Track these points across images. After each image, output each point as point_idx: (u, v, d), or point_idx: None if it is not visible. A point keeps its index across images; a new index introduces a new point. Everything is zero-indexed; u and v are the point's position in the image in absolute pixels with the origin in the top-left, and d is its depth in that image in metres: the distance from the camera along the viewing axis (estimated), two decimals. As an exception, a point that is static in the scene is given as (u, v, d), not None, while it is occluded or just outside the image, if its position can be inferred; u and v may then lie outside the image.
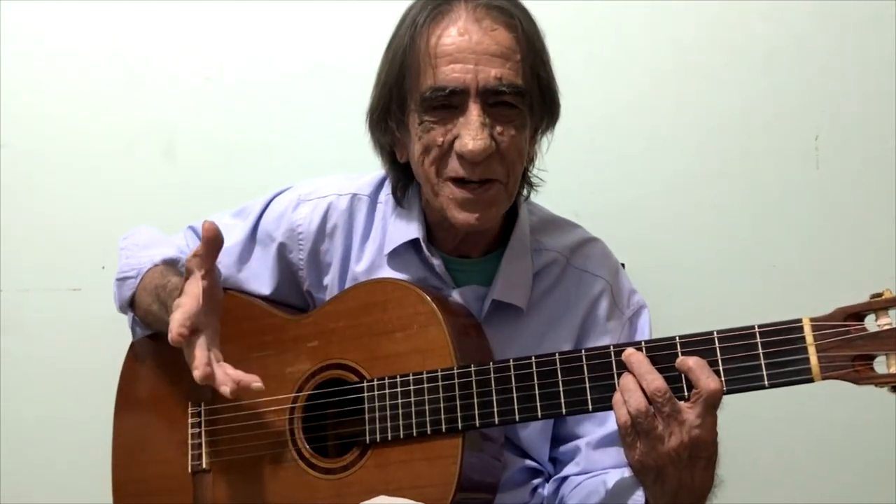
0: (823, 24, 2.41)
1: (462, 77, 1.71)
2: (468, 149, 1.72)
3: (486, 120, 1.73)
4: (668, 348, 1.56)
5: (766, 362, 1.48)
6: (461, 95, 1.72)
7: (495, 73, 1.72)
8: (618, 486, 1.79)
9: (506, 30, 1.74)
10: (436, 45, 1.74)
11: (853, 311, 1.45)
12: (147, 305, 1.98)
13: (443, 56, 1.73)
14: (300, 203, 2.02)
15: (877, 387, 1.43)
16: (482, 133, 1.72)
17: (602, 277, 1.95)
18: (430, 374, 1.74)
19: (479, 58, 1.71)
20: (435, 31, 1.75)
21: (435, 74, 1.73)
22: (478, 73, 1.71)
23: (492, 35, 1.73)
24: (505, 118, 1.75)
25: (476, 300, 1.91)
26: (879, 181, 2.39)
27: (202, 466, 1.96)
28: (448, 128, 1.75)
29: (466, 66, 1.71)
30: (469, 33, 1.73)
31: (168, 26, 2.51)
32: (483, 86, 1.71)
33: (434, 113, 1.76)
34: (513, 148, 1.77)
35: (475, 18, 1.74)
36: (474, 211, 1.79)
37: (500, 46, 1.73)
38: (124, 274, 2.06)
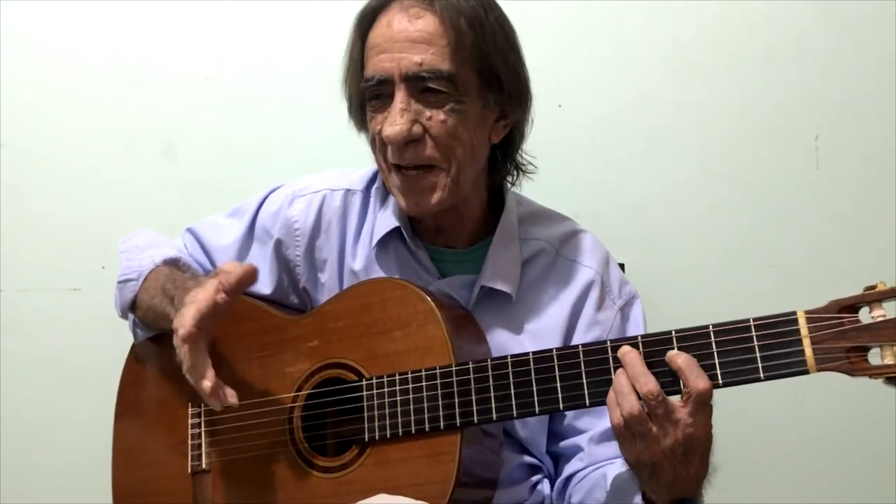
0: (823, 24, 2.41)
1: (387, 66, 1.76)
2: (384, 134, 1.77)
3: (408, 106, 1.76)
4: (665, 343, 1.56)
5: (762, 355, 1.48)
6: (388, 84, 1.77)
7: (416, 60, 1.74)
8: (618, 479, 1.79)
9: (432, 15, 1.77)
10: (370, 39, 1.81)
11: (847, 304, 1.45)
12: (149, 301, 1.97)
13: (373, 48, 1.80)
14: (295, 199, 2.03)
15: (871, 378, 1.43)
16: (399, 119, 1.75)
17: (591, 267, 1.95)
18: (428, 372, 1.74)
19: (402, 45, 1.75)
20: (372, 27, 1.81)
21: (367, 66, 1.81)
22: (400, 61, 1.75)
23: (416, 22, 1.76)
24: (434, 103, 1.78)
25: (464, 287, 1.91)
26: (879, 181, 2.39)
27: (202, 467, 1.95)
28: (381, 117, 1.80)
29: (391, 55, 1.76)
30: (394, 24, 1.77)
31: (168, 26, 2.52)
32: (404, 72, 1.75)
33: (372, 104, 1.82)
34: (445, 132, 1.78)
35: (404, 7, 1.78)
36: (412, 197, 1.84)
37: (423, 32, 1.76)
38: (125, 276, 2.05)
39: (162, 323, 1.94)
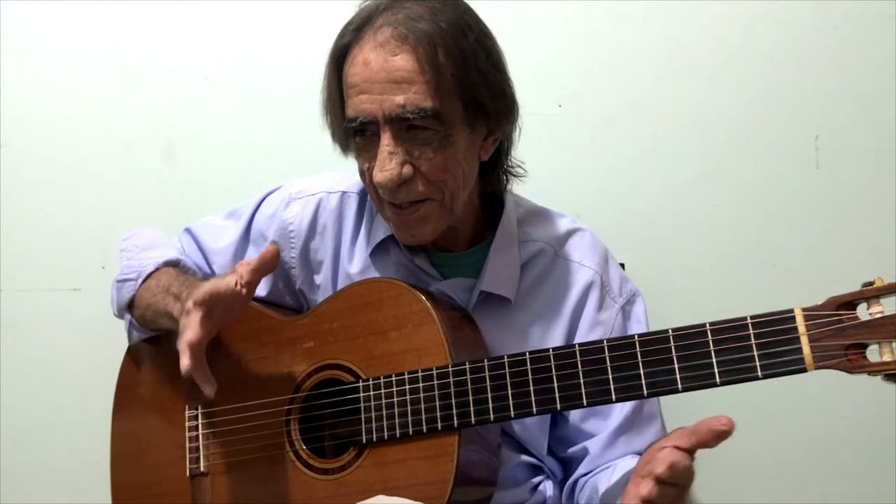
0: (823, 25, 2.40)
1: (369, 108, 1.73)
2: (377, 181, 1.76)
3: (395, 148, 1.74)
4: (662, 342, 1.56)
5: (760, 353, 1.48)
6: (372, 125, 1.74)
7: (398, 101, 1.71)
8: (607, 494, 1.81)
9: (408, 53, 1.72)
10: (346, 77, 1.78)
11: (845, 300, 1.45)
12: (150, 299, 1.98)
13: (352, 87, 1.76)
14: (291, 201, 2.03)
15: (870, 375, 1.43)
16: (389, 163, 1.74)
17: (591, 267, 1.95)
18: (425, 373, 1.74)
19: (382, 87, 1.72)
20: (348, 61, 1.78)
21: (348, 105, 1.78)
22: (382, 103, 1.72)
23: (393, 61, 1.72)
24: (420, 141, 1.76)
25: (464, 291, 1.92)
26: (879, 181, 2.38)
27: (200, 470, 1.96)
28: (368, 157, 1.79)
29: (372, 97, 1.72)
30: (371, 62, 1.73)
31: (168, 26, 2.52)
32: (388, 114, 1.72)
33: (357, 141, 1.80)
34: (435, 169, 1.77)
35: (379, 43, 1.73)
36: (408, 230, 1.84)
37: (402, 71, 1.71)
38: (124, 276, 2.06)
39: (162, 321, 1.95)
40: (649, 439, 1.89)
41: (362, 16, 1.78)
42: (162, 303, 1.92)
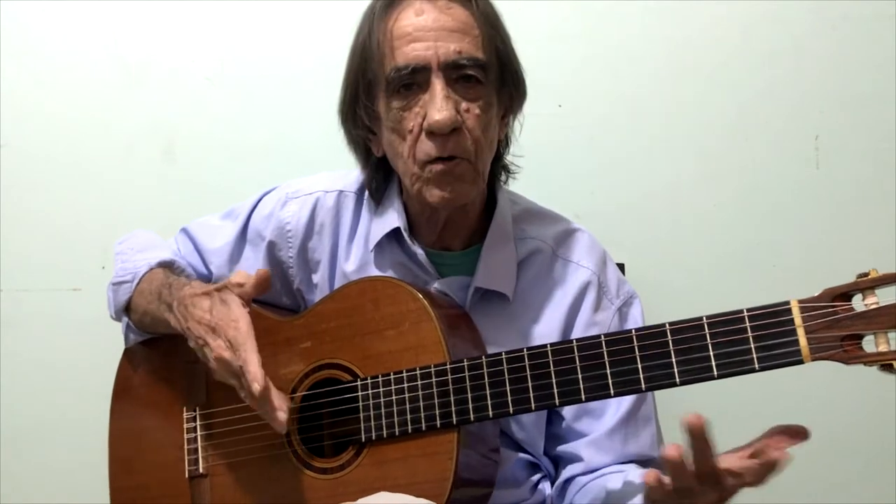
0: (823, 25, 2.40)
1: (423, 54, 1.73)
2: (434, 119, 1.73)
3: (450, 94, 1.75)
4: (659, 336, 1.56)
5: (756, 345, 1.48)
6: (423, 73, 1.74)
7: (455, 48, 1.74)
8: (618, 493, 1.79)
9: (461, 6, 1.77)
10: (394, 29, 1.77)
11: (840, 292, 1.45)
12: (145, 306, 1.98)
13: (402, 37, 1.76)
14: (288, 201, 2.03)
15: (866, 365, 1.43)
16: (447, 104, 1.73)
17: (589, 268, 1.95)
18: (423, 370, 1.74)
19: (437, 34, 1.73)
20: (392, 16, 1.78)
21: (396, 55, 1.76)
22: (437, 49, 1.73)
23: (448, 13, 1.76)
24: (470, 95, 1.77)
25: (460, 289, 1.91)
26: (879, 181, 2.39)
27: (199, 471, 1.96)
28: (416, 111, 1.77)
29: (426, 44, 1.74)
30: (425, 12, 1.76)
31: (168, 26, 2.52)
32: (444, 60, 1.73)
33: (401, 97, 1.78)
34: (478, 126, 1.78)
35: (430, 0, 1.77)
36: (447, 185, 1.80)
37: (458, 22, 1.75)
38: (120, 279, 2.06)
39: (161, 328, 1.96)
40: (644, 442, 1.90)
41: None
42: (157, 311, 1.93)
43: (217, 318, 1.77)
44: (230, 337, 1.73)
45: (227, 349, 1.72)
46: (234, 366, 1.72)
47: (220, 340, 1.74)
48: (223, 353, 1.73)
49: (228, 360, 1.72)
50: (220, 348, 1.73)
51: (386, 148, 1.87)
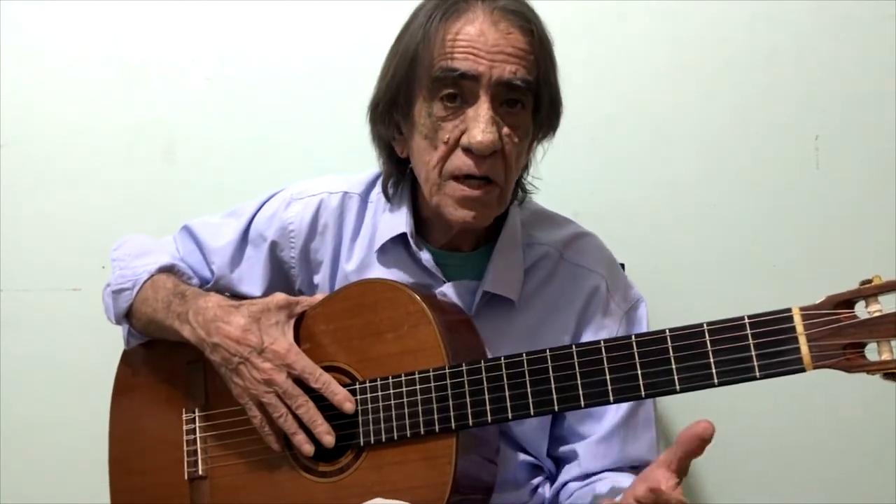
0: (824, 24, 2.39)
1: (475, 66, 1.72)
2: (476, 140, 1.72)
3: (495, 116, 1.74)
4: (659, 342, 1.55)
5: (757, 353, 1.47)
6: (472, 82, 1.73)
7: (510, 69, 1.73)
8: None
9: (521, 34, 1.76)
10: (452, 39, 1.75)
11: (843, 299, 1.45)
12: (151, 314, 1.99)
13: (458, 48, 1.74)
14: (291, 202, 2.03)
15: (868, 374, 1.43)
16: (491, 126, 1.72)
17: (597, 272, 1.95)
18: (421, 375, 1.74)
19: (494, 56, 1.73)
20: (451, 28, 1.76)
21: (449, 59, 1.74)
22: (492, 68, 1.72)
23: (508, 37, 1.74)
24: (512, 121, 1.77)
25: (467, 293, 1.91)
26: (879, 181, 2.38)
27: (199, 473, 1.96)
28: (455, 123, 1.76)
29: (480, 60, 1.72)
30: (486, 34, 1.74)
31: (168, 26, 2.51)
32: (497, 78, 1.72)
33: (442, 105, 1.76)
34: (514, 152, 1.79)
35: (492, 21, 1.75)
36: (472, 209, 1.80)
37: (516, 48, 1.74)
38: (119, 286, 2.06)
39: (169, 336, 1.98)
40: (644, 445, 1.91)
41: None
42: (166, 321, 1.95)
43: (269, 341, 1.82)
44: (290, 362, 1.81)
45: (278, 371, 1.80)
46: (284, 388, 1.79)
47: (269, 363, 1.80)
48: (275, 376, 1.80)
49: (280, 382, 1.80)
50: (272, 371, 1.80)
51: (413, 156, 1.86)
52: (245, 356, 1.81)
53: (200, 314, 1.87)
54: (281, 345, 1.81)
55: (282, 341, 1.82)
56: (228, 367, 1.83)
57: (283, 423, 1.80)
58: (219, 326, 1.84)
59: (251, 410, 1.84)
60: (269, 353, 1.80)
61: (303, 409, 1.80)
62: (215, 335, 1.84)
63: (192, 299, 1.92)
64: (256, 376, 1.80)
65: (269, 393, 1.80)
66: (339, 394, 1.79)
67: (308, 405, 1.80)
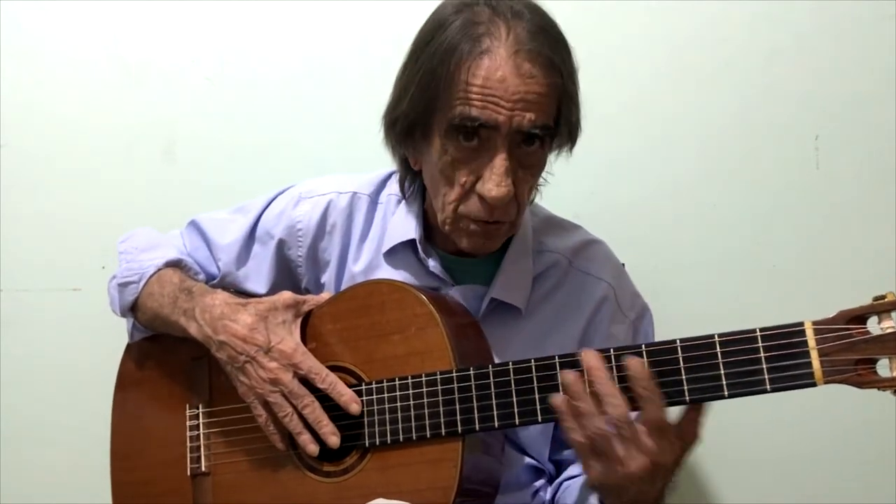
0: (824, 25, 2.39)
1: (495, 116, 1.68)
2: (491, 195, 1.71)
3: (510, 165, 1.71)
4: (670, 352, 1.55)
5: (768, 366, 1.47)
6: (490, 131, 1.69)
7: (529, 118, 1.69)
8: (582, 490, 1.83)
9: (544, 75, 1.70)
10: (473, 80, 1.69)
11: (855, 314, 1.44)
12: (157, 309, 1.98)
13: (478, 92, 1.68)
14: (300, 201, 2.02)
15: (879, 390, 1.43)
16: (506, 179, 1.70)
17: (605, 280, 1.95)
18: (428, 377, 1.74)
19: (514, 104, 1.67)
20: (474, 70, 1.69)
21: (468, 105, 1.69)
22: (512, 118, 1.68)
23: (529, 82, 1.68)
24: (528, 161, 1.76)
25: (475, 298, 1.91)
26: (879, 181, 2.38)
27: (201, 469, 1.96)
28: (472, 167, 1.74)
29: (501, 108, 1.68)
30: (507, 79, 1.67)
31: (168, 26, 2.51)
32: (516, 128, 1.69)
33: (459, 147, 1.73)
34: (526, 192, 1.79)
35: (515, 64, 1.68)
36: (483, 243, 1.82)
37: (537, 94, 1.69)
38: (126, 279, 2.05)
39: (174, 332, 1.97)
40: None
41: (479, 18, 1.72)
42: (171, 316, 1.94)
43: (276, 340, 1.81)
44: (297, 362, 1.80)
45: (284, 370, 1.79)
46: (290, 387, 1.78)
47: (275, 363, 1.79)
48: (281, 375, 1.79)
49: (286, 382, 1.79)
50: (278, 370, 1.79)
51: (426, 178, 1.85)
52: (252, 355, 1.80)
53: (207, 312, 1.86)
54: (288, 344, 1.80)
55: (289, 340, 1.81)
56: (234, 365, 1.83)
57: (288, 422, 1.79)
58: (226, 325, 1.83)
59: (256, 409, 1.82)
60: (275, 353, 1.79)
61: (308, 409, 1.78)
62: (222, 333, 1.83)
63: (199, 296, 1.91)
64: (262, 375, 1.79)
65: (275, 392, 1.79)
66: (345, 395, 1.78)
67: (314, 405, 1.79)
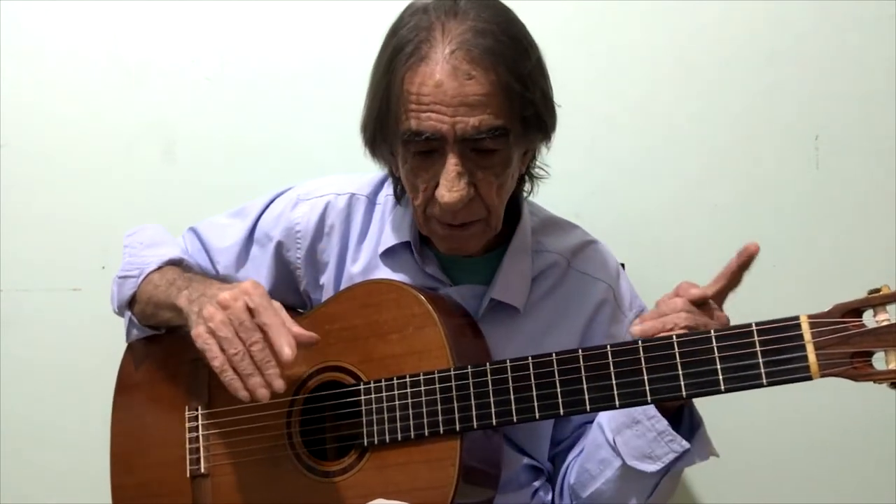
0: (824, 25, 2.39)
1: (438, 126, 1.68)
2: (444, 200, 1.71)
3: (463, 169, 1.71)
4: (666, 348, 1.56)
5: (765, 360, 1.47)
6: (438, 141, 1.70)
7: (473, 122, 1.68)
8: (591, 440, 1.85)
9: (483, 75, 1.68)
10: (413, 91, 1.69)
11: (851, 308, 1.45)
12: (152, 291, 1.97)
13: (419, 105, 1.69)
14: (298, 202, 2.02)
15: (875, 383, 1.43)
16: (458, 184, 1.71)
17: (604, 281, 1.96)
18: (426, 376, 1.74)
19: (455, 110, 1.67)
20: (412, 78, 1.70)
21: (412, 119, 1.70)
22: (455, 124, 1.67)
23: (468, 84, 1.67)
24: (486, 163, 1.74)
25: (473, 298, 1.91)
26: (879, 181, 2.38)
27: (201, 470, 1.96)
28: (430, 174, 1.74)
29: (442, 117, 1.67)
30: (444, 84, 1.67)
31: (168, 26, 2.51)
32: (461, 135, 1.68)
33: (416, 157, 1.75)
34: (492, 192, 1.77)
35: (451, 67, 1.67)
36: (456, 245, 1.84)
37: (477, 96, 1.67)
38: (126, 273, 2.05)
39: (163, 314, 1.95)
40: None
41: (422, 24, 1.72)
42: (164, 294, 1.92)
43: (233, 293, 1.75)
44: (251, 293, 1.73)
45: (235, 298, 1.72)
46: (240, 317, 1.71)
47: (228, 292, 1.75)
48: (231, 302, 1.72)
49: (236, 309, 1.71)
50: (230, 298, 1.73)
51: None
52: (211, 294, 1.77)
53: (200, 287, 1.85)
54: (249, 282, 1.76)
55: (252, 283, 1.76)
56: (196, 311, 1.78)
57: (238, 362, 1.69)
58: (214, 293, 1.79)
59: (211, 352, 1.72)
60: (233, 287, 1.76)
61: (256, 346, 1.69)
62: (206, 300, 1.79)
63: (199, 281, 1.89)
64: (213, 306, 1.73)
65: (226, 325, 1.71)
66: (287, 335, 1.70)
67: (262, 344, 1.69)
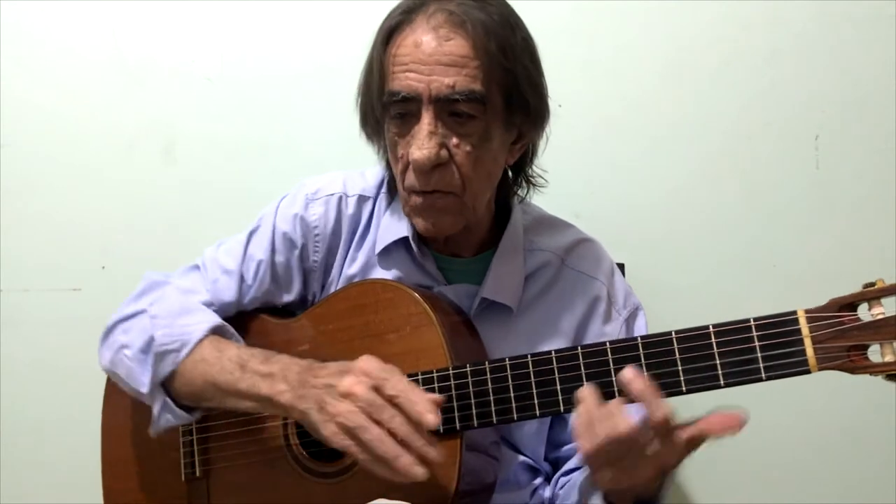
0: (824, 25, 2.40)
1: (414, 85, 1.70)
2: (413, 157, 1.72)
3: (437, 129, 1.72)
4: (665, 344, 1.55)
5: (763, 355, 1.47)
6: (415, 102, 1.72)
7: (448, 82, 1.69)
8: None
9: (462, 38, 1.71)
10: (394, 55, 1.74)
11: (847, 302, 1.45)
12: (208, 375, 1.82)
13: (399, 65, 1.73)
14: (309, 203, 1.97)
15: (872, 375, 1.43)
16: (428, 142, 1.71)
17: (598, 279, 1.94)
18: (425, 375, 1.73)
19: (432, 68, 1.70)
20: (396, 41, 1.75)
21: (391, 81, 1.74)
22: (430, 83, 1.70)
23: (447, 45, 1.70)
24: (462, 130, 1.74)
25: (466, 298, 1.90)
26: (879, 181, 2.38)
27: (195, 474, 1.95)
28: (407, 140, 1.75)
29: (420, 76, 1.70)
30: (422, 44, 1.71)
31: (168, 26, 2.51)
32: (436, 94, 1.70)
33: (395, 123, 1.76)
34: (468, 162, 1.75)
35: (432, 27, 1.71)
36: (427, 218, 1.81)
37: (454, 56, 1.70)
38: (164, 347, 1.86)
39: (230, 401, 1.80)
40: None
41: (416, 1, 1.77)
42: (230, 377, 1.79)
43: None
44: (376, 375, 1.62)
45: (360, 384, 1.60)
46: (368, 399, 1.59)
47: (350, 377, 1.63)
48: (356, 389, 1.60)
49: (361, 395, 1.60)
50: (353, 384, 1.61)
51: None
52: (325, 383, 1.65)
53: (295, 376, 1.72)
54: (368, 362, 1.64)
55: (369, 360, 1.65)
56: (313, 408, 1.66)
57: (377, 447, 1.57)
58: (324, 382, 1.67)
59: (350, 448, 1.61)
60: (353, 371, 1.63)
61: (396, 421, 1.57)
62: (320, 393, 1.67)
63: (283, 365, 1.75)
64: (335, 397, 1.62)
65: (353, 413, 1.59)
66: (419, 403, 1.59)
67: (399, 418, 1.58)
